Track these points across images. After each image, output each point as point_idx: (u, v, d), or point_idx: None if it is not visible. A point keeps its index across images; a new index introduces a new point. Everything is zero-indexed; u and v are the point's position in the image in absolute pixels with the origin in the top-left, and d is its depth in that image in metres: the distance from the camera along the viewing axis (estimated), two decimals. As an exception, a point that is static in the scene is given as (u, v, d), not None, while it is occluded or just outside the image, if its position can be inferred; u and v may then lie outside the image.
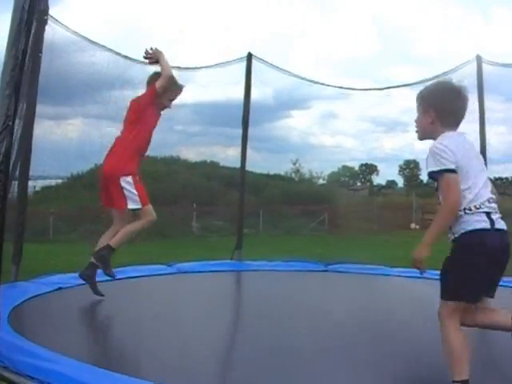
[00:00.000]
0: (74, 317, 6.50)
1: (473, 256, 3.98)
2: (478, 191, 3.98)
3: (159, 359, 5.08)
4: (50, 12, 7.96)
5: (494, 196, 4.08)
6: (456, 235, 4.05)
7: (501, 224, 4.04)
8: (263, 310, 7.24)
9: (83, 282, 7.73)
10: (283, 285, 9.07)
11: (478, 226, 3.95)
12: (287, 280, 9.45)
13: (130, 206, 6.85)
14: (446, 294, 4.11)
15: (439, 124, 4.20)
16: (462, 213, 3.97)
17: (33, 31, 5.64)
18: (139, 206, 6.85)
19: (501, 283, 4.30)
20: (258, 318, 6.78)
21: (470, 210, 3.97)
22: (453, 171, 3.94)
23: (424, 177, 70.25)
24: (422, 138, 4.37)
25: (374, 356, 5.27)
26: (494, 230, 3.97)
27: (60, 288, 7.73)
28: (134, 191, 6.78)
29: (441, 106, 4.21)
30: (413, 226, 32.69)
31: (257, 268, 10.27)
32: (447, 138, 4.09)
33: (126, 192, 6.79)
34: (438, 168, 3.98)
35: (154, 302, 7.48)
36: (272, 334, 6.01)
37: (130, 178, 6.82)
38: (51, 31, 8.00)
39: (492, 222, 3.98)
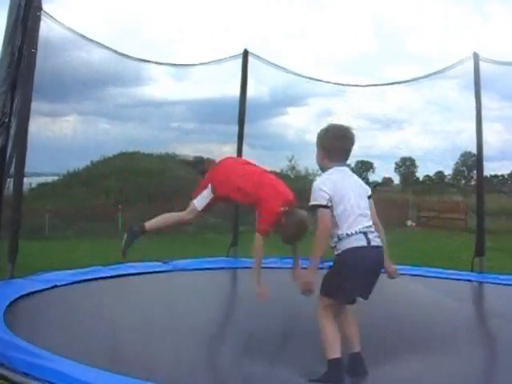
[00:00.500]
0: (68, 314, 6.48)
1: (349, 269, 4.92)
2: (355, 218, 4.97)
3: (154, 358, 5.08)
4: (45, 8, 7.95)
5: (371, 222, 5.11)
6: (339, 251, 4.97)
7: (376, 242, 5.03)
8: (259, 309, 7.23)
9: (78, 279, 7.77)
10: (278, 282, 9.01)
11: (356, 244, 4.91)
12: (282, 277, 9.39)
13: (195, 199, 6.76)
14: (323, 290, 5.04)
15: (328, 160, 5.22)
16: (344, 235, 4.93)
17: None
18: (195, 204, 6.74)
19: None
20: (253, 317, 6.77)
21: (350, 234, 4.93)
22: (325, 206, 4.95)
23: (420, 174, 70.45)
24: (320, 169, 5.43)
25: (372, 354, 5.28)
26: (370, 247, 4.94)
27: (55, 286, 7.72)
28: (209, 198, 6.62)
29: (329, 147, 5.22)
30: (409, 223, 32.67)
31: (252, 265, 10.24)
32: (326, 175, 5.18)
33: (205, 191, 6.64)
34: (314, 203, 5.02)
35: (150, 299, 7.47)
36: (268, 332, 6.01)
37: (209, 191, 6.74)
38: (46, 28, 7.97)
39: (368, 240, 4.95)
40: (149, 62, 10.80)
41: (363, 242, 4.95)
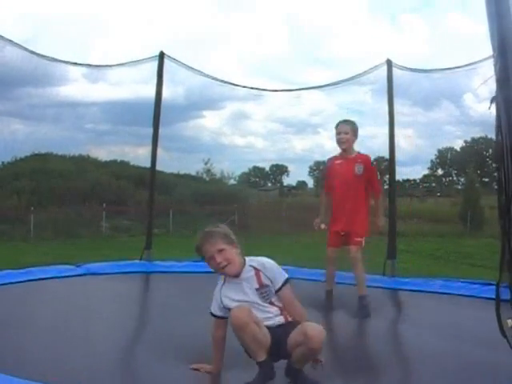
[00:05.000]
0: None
1: None
2: None
3: (60, 363, 5.03)
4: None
5: None
6: None
7: None
8: (170, 314, 7.20)
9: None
10: (190, 287, 8.96)
11: None
12: (195, 282, 9.32)
13: None
14: None
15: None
16: None
17: None
18: None
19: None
20: (162, 322, 6.75)
21: None
22: None
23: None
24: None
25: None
26: None
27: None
28: None
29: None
30: (323, 226, 33.01)
31: (165, 269, 10.21)
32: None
33: None
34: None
35: (61, 304, 7.38)
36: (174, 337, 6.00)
37: None
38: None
39: None
40: (63, 62, 10.65)
41: None
